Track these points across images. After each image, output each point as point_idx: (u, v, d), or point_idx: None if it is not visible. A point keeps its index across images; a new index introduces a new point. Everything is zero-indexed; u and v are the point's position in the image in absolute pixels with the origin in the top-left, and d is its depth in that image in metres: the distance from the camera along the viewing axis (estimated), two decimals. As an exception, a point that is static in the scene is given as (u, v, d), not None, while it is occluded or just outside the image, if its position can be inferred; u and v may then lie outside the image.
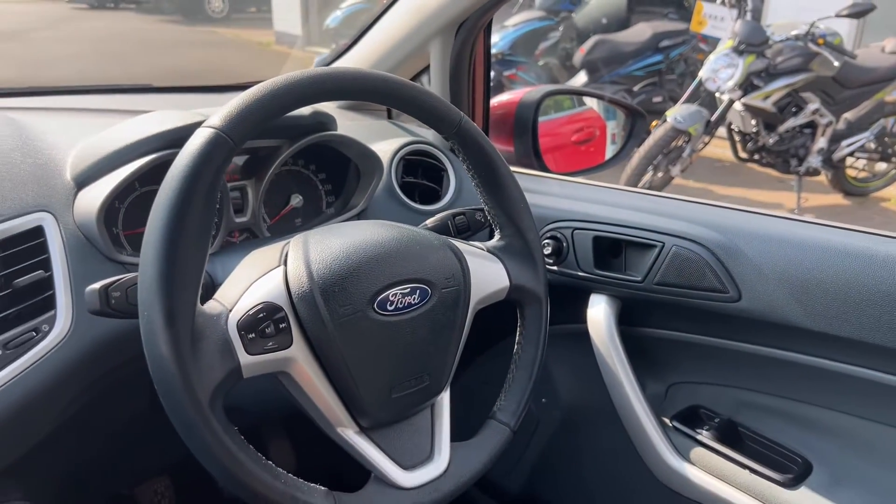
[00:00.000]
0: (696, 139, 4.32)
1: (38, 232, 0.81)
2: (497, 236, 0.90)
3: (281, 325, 0.68)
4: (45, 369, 0.75)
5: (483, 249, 0.88)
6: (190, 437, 0.63)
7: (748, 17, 4.23)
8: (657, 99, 5.53)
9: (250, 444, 0.67)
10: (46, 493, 0.85)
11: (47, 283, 0.79)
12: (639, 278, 1.02)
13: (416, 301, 0.75)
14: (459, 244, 0.85)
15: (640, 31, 5.54)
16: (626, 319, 1.07)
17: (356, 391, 0.72)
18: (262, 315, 0.67)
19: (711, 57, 4.31)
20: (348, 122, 1.23)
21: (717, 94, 4.39)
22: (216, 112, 0.66)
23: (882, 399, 0.89)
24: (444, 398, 0.82)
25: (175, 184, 0.63)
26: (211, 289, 0.73)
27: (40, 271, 0.79)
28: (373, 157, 1.05)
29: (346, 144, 1.03)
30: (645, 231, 1.01)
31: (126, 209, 0.92)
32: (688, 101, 4.49)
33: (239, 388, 0.68)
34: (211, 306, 0.68)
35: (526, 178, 1.24)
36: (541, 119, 1.85)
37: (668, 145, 4.34)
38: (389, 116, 1.37)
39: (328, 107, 1.20)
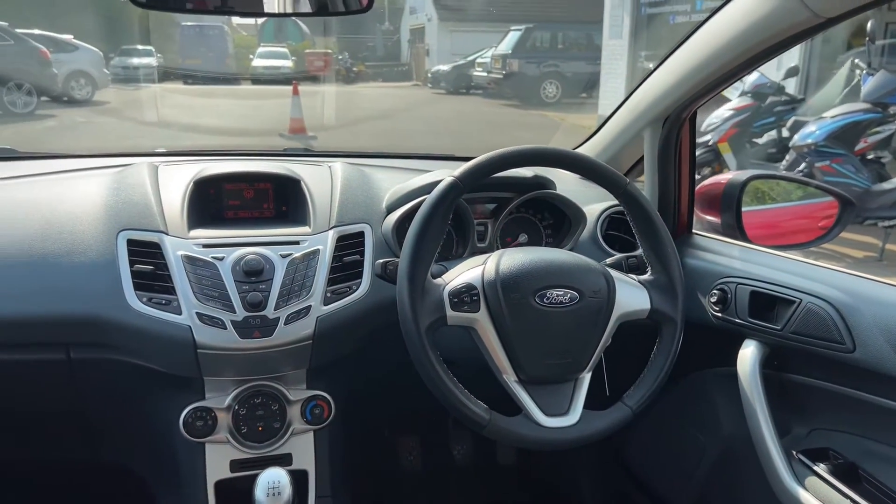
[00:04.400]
0: None
1: (361, 234, 1.36)
2: (648, 272, 1.21)
3: (474, 298, 1.11)
4: (351, 310, 1.28)
5: (634, 280, 1.20)
6: (412, 349, 1.07)
7: None
8: None
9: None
10: (339, 397, 1.37)
11: (359, 263, 1.32)
12: (779, 327, 1.23)
13: (566, 301, 1.12)
14: (615, 273, 1.19)
15: None
16: (772, 364, 1.27)
17: (517, 352, 1.11)
18: (464, 290, 1.11)
19: None
20: (581, 188, 1.62)
21: None
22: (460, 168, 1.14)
23: None
24: (585, 377, 1.16)
25: (424, 208, 1.11)
26: (443, 273, 1.18)
27: (356, 255, 1.33)
28: (579, 212, 1.44)
29: (560, 200, 1.44)
30: (789, 289, 1.23)
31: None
32: None
33: (449, 344, 1.12)
34: (437, 280, 1.13)
35: (716, 243, 1.50)
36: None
37: None
38: None
39: (573, 177, 1.60)
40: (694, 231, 1.58)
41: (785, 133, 6.25)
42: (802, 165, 5.48)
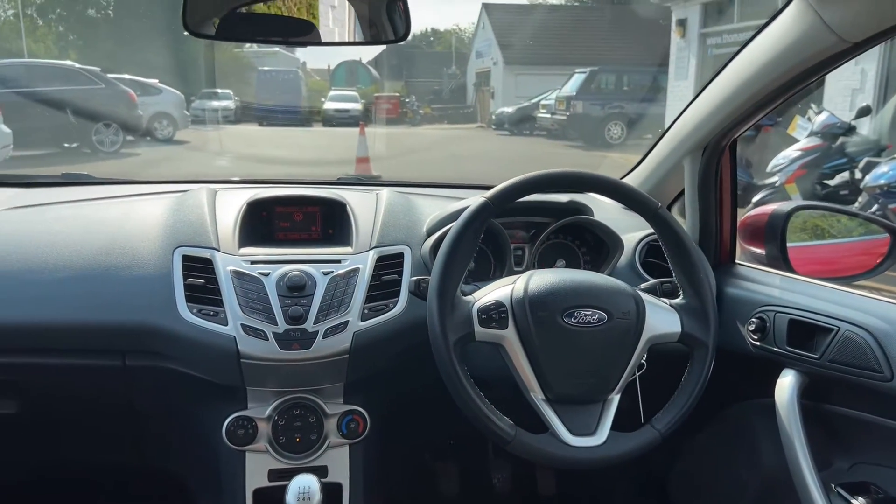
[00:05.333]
0: None
1: (400, 256, 1.41)
2: (680, 296, 1.22)
3: (502, 315, 1.13)
4: (387, 327, 1.32)
5: (666, 304, 1.20)
6: (440, 363, 1.11)
7: None
8: None
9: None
10: (375, 413, 1.40)
11: (398, 283, 1.37)
12: (817, 356, 1.20)
13: (594, 321, 1.13)
14: (645, 296, 1.19)
15: None
16: (812, 395, 1.24)
17: (545, 370, 1.12)
18: (492, 307, 1.14)
19: None
20: (621, 216, 1.63)
21: None
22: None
23: None
24: (614, 398, 1.16)
25: (456, 227, 1.15)
26: (474, 291, 1.22)
27: (395, 275, 1.38)
28: (616, 238, 1.45)
29: (597, 226, 1.46)
30: (827, 317, 1.20)
31: None
32: None
33: (483, 364, 1.15)
34: (467, 297, 1.17)
35: (758, 273, 1.48)
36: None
37: None
38: None
39: (614, 204, 1.61)
40: (737, 261, 1.56)
41: (858, 174, 6.05)
42: (875, 207, 5.28)
